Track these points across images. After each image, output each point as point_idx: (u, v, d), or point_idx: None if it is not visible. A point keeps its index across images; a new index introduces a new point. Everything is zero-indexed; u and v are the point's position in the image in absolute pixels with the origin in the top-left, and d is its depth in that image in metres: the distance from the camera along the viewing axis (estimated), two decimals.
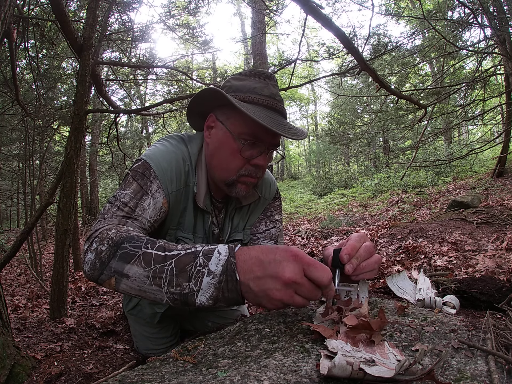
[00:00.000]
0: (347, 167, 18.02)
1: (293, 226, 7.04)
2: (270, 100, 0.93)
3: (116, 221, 0.82)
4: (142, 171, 0.90)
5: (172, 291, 0.64)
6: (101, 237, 0.74)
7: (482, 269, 2.10)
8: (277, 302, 0.61)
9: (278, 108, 0.94)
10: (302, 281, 0.60)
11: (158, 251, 0.67)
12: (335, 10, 7.45)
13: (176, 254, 0.66)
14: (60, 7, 2.22)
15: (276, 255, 0.61)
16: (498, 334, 0.55)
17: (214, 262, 0.62)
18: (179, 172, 0.95)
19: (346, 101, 12.05)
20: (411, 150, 11.01)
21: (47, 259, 5.91)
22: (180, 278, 0.63)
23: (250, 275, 0.61)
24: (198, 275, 0.62)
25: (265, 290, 0.60)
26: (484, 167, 9.83)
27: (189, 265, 0.63)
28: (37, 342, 1.38)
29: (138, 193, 0.87)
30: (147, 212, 0.87)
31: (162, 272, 0.64)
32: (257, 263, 0.61)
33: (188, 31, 5.84)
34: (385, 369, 0.44)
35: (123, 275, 0.68)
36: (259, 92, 0.92)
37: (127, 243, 0.70)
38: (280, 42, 24.41)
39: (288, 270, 0.59)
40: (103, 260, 0.70)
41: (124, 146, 10.41)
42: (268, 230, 1.20)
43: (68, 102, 6.03)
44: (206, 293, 0.62)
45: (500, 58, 6.18)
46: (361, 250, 0.74)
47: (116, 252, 0.69)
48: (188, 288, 0.63)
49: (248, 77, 0.96)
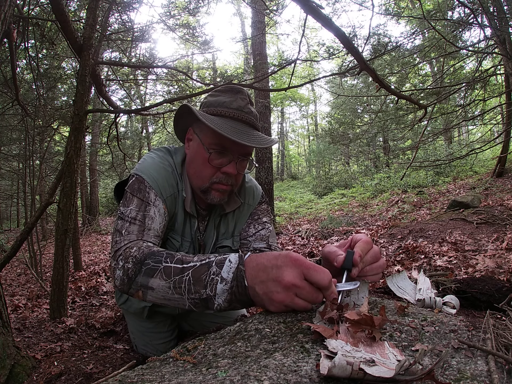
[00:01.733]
0: (347, 167, 18.03)
1: (293, 226, 7.04)
2: (237, 112, 1.01)
3: (134, 237, 0.91)
4: (138, 185, 1.00)
5: (192, 297, 0.72)
6: (125, 255, 0.84)
7: (482, 269, 2.10)
8: (279, 304, 0.65)
9: (245, 119, 1.01)
10: (302, 284, 0.64)
11: (177, 264, 0.75)
12: (335, 10, 7.44)
13: (192, 265, 0.74)
14: (60, 7, 2.22)
15: (278, 260, 0.66)
16: (498, 334, 0.55)
17: (226, 270, 0.70)
18: (170, 179, 1.05)
19: (346, 101, 12.06)
20: (411, 150, 11.01)
21: (47, 259, 5.91)
22: (197, 286, 0.71)
23: (256, 280, 0.67)
24: (212, 282, 0.70)
25: (268, 293, 0.65)
26: (484, 167, 9.83)
27: (204, 274, 0.71)
28: (37, 342, 1.38)
29: (141, 205, 0.96)
30: (156, 220, 0.97)
31: (182, 282, 0.73)
32: (262, 269, 0.67)
33: (188, 31, 5.84)
34: (385, 369, 0.44)
35: (148, 288, 0.78)
36: (228, 106, 1.01)
37: (149, 259, 0.79)
38: (280, 42, 24.42)
39: (288, 274, 0.64)
40: (130, 276, 0.81)
41: (124, 146, 10.42)
42: (257, 232, 1.21)
43: (68, 102, 6.03)
44: (222, 297, 0.70)
45: (500, 58, 6.18)
46: (368, 254, 0.77)
47: (141, 269, 0.79)
48: (206, 293, 0.71)
49: (222, 93, 1.05)
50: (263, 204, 1.26)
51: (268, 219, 1.25)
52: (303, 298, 0.65)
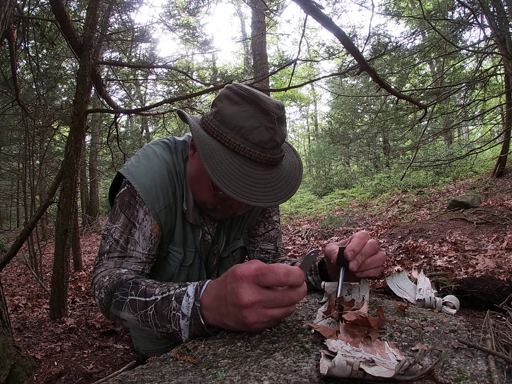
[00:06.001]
0: (347, 167, 18.03)
1: (293, 226, 7.04)
2: (257, 150, 0.78)
3: (112, 264, 0.89)
4: (128, 199, 0.91)
5: (161, 331, 0.71)
6: (99, 285, 0.84)
7: (482, 269, 2.10)
8: (256, 324, 0.59)
9: (265, 161, 0.79)
10: (263, 296, 0.58)
11: (141, 297, 0.73)
12: (335, 10, 7.45)
13: (154, 299, 0.71)
14: (60, 7, 2.22)
15: (227, 285, 0.62)
16: (498, 334, 0.55)
17: (185, 305, 0.67)
18: (165, 187, 0.93)
19: (346, 101, 12.05)
20: (411, 150, 11.01)
21: (47, 259, 5.90)
22: (161, 321, 0.70)
23: (221, 314, 0.63)
24: (174, 318, 0.68)
25: (238, 321, 0.60)
26: (484, 167, 9.82)
27: (165, 309, 0.69)
28: (37, 342, 1.38)
29: (126, 226, 0.90)
30: (139, 245, 0.91)
31: (147, 317, 0.72)
32: (218, 301, 0.63)
33: (188, 31, 5.84)
34: (385, 369, 0.44)
35: (121, 320, 0.79)
36: (246, 136, 0.77)
37: (117, 291, 0.78)
38: (280, 42, 24.39)
39: (242, 294, 0.58)
40: (105, 306, 0.81)
41: (124, 146, 10.40)
42: (267, 232, 1.20)
43: (68, 102, 6.03)
44: (186, 332, 0.68)
45: (500, 58, 6.17)
46: (366, 246, 0.73)
47: (111, 301, 0.79)
48: (171, 328, 0.69)
49: (243, 103, 0.80)
50: None
51: (278, 218, 1.23)
52: (275, 307, 0.59)
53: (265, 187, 0.79)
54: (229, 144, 0.78)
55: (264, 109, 0.78)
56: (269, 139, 0.78)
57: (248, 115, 0.78)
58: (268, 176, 0.80)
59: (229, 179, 0.75)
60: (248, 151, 0.77)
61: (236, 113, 0.79)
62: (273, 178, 0.81)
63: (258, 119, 0.78)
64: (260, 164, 0.80)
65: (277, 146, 0.81)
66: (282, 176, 0.84)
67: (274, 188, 0.80)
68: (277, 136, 0.80)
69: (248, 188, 0.76)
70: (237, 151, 0.78)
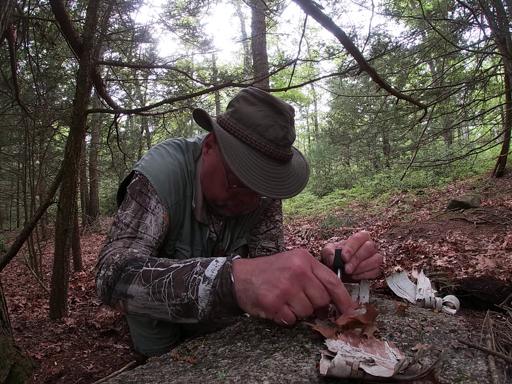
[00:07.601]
0: (347, 167, 18.02)
1: (293, 226, 7.04)
2: (271, 146, 0.83)
3: (121, 244, 0.84)
4: (140, 188, 0.91)
5: (173, 303, 0.64)
6: (107, 263, 0.77)
7: (482, 269, 2.10)
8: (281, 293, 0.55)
9: (279, 156, 0.85)
10: (312, 275, 0.57)
11: (158, 267, 0.68)
12: (335, 10, 7.45)
13: (175, 266, 0.67)
14: (60, 7, 2.22)
15: (284, 253, 0.61)
16: (498, 334, 0.55)
17: (210, 268, 0.62)
18: (177, 183, 0.95)
19: (346, 101, 12.05)
20: (411, 150, 11.00)
21: (47, 259, 5.91)
22: (177, 289, 0.63)
23: (254, 272, 0.59)
24: (194, 283, 0.62)
25: (270, 280, 0.57)
26: (484, 167, 9.82)
27: (186, 274, 0.64)
28: (37, 342, 1.38)
29: (138, 211, 0.88)
30: (150, 229, 0.88)
31: (161, 286, 0.65)
32: (263, 262, 0.61)
33: (188, 31, 5.84)
34: (384, 368, 0.44)
35: (127, 296, 0.70)
36: (262, 133, 0.83)
37: (130, 266, 0.72)
38: (280, 42, 24.38)
39: (297, 260, 0.57)
40: (109, 284, 0.73)
41: (124, 146, 10.42)
42: (268, 230, 1.21)
43: (68, 102, 6.03)
44: (205, 300, 0.61)
45: (500, 58, 6.17)
46: (361, 249, 0.73)
47: (120, 275, 0.72)
48: (187, 297, 0.62)
49: (260, 104, 0.85)
50: (277, 200, 1.23)
51: (280, 217, 1.24)
52: (309, 294, 0.57)
53: (277, 181, 0.84)
54: (246, 140, 0.83)
55: (279, 109, 0.84)
56: (283, 137, 0.84)
57: (264, 115, 0.84)
58: (280, 171, 0.86)
59: (246, 170, 0.79)
60: (263, 146, 0.83)
61: (252, 112, 0.84)
62: (284, 174, 0.86)
63: (273, 118, 0.84)
64: (274, 159, 0.85)
65: (289, 144, 0.87)
66: (292, 172, 0.89)
67: (285, 183, 0.85)
68: (289, 135, 0.86)
69: (263, 180, 0.81)
70: (253, 146, 0.83)
